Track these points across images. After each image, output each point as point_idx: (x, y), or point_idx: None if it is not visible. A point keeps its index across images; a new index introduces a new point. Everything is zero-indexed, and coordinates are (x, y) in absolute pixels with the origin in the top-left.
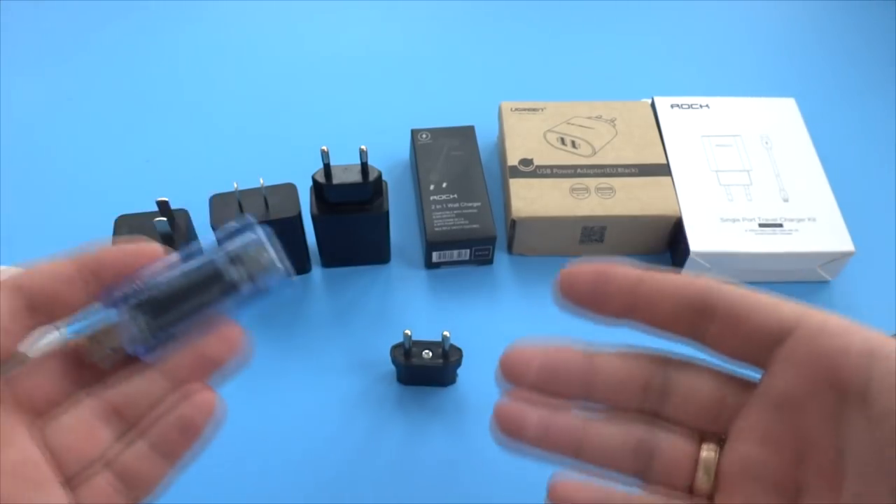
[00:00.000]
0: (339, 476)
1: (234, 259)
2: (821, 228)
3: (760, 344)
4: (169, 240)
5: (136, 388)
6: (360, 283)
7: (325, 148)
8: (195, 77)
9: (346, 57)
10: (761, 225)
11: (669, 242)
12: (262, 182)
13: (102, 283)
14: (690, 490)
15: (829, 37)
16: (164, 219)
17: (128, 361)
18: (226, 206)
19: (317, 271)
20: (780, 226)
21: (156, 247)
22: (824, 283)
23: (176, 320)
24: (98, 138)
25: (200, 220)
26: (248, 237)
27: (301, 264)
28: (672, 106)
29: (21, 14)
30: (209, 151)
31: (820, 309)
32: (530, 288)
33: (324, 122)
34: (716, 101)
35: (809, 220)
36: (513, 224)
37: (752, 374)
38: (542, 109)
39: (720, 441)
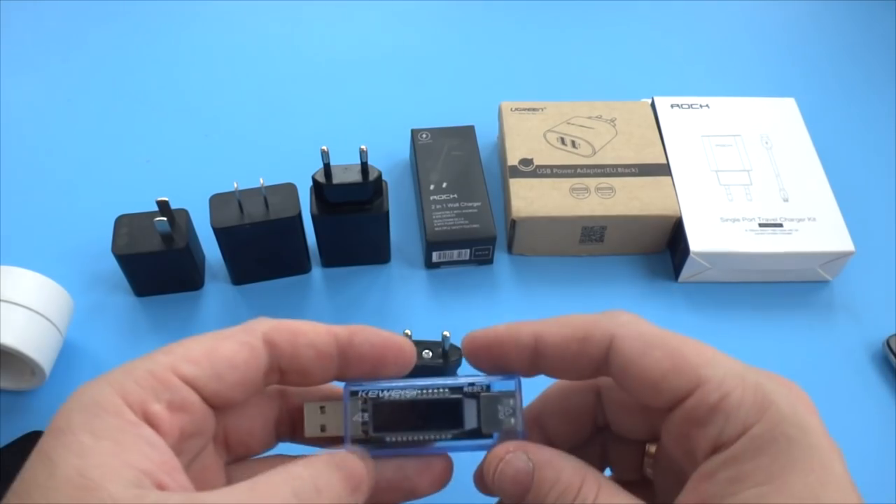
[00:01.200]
0: None
1: (475, 395)
2: (821, 228)
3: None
4: (169, 239)
5: (331, 477)
6: (360, 283)
7: (325, 148)
8: (195, 77)
9: (347, 57)
10: (761, 225)
11: (669, 242)
12: (262, 182)
13: (345, 368)
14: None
15: (829, 36)
16: (164, 219)
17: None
18: (226, 206)
19: (317, 271)
20: (780, 226)
21: (405, 350)
22: (824, 283)
23: (394, 433)
24: (98, 138)
25: (200, 220)
26: (501, 381)
27: (301, 264)
28: (672, 106)
29: (21, 14)
30: (209, 151)
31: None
32: (530, 288)
33: (324, 122)
34: (716, 101)
35: (809, 220)
36: (513, 224)
37: None
38: (542, 109)
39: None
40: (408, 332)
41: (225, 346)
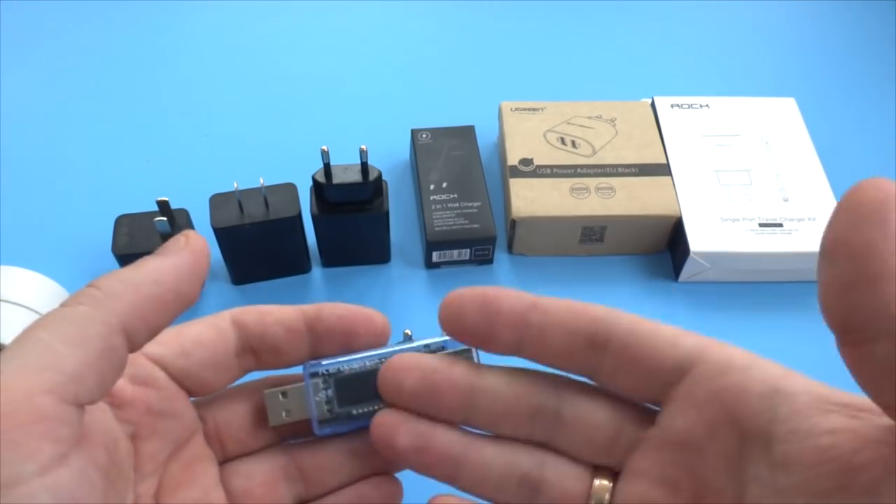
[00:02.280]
0: None
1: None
2: (821, 228)
3: (657, 381)
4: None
5: (327, 459)
6: (360, 283)
7: (325, 148)
8: (195, 77)
9: (346, 57)
10: (761, 225)
11: (669, 242)
12: (262, 182)
13: (316, 343)
14: None
15: (829, 37)
16: (164, 219)
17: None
18: (226, 206)
19: (317, 271)
20: (780, 226)
21: (376, 317)
22: None
23: (359, 405)
24: (98, 138)
25: (200, 220)
26: (456, 344)
27: (301, 264)
28: (672, 106)
29: (21, 14)
30: (209, 151)
31: (722, 343)
32: (530, 288)
33: (324, 122)
34: (716, 101)
35: (809, 220)
36: (513, 224)
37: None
38: (542, 109)
39: (614, 475)
40: (407, 331)
41: (192, 327)
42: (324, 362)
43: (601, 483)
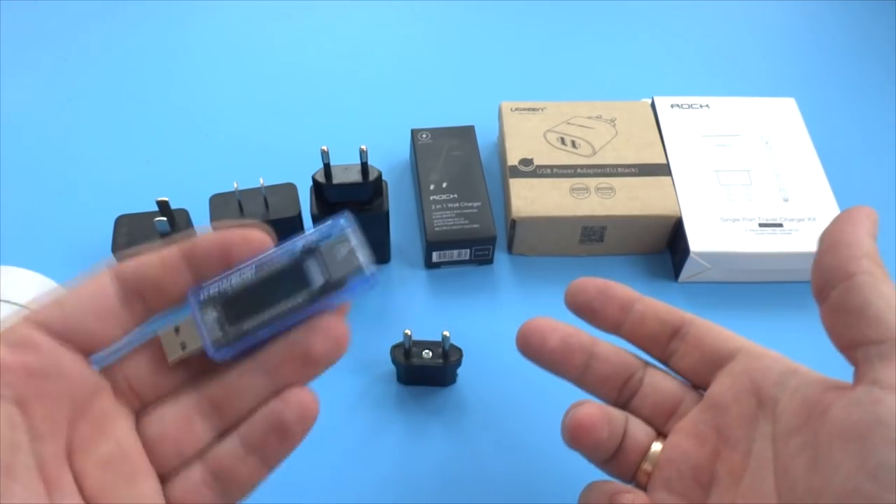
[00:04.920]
0: (338, 476)
1: (312, 251)
2: (821, 228)
3: (713, 363)
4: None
5: (236, 384)
6: None
7: (325, 148)
8: (195, 77)
9: (347, 57)
10: (761, 225)
11: (669, 242)
12: (262, 182)
13: (197, 273)
14: (633, 478)
15: (828, 36)
16: (164, 219)
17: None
18: (226, 206)
19: None
20: (780, 226)
21: (252, 234)
22: None
23: (249, 318)
24: (98, 138)
25: (200, 220)
26: (329, 228)
27: None
28: (672, 106)
29: (20, 14)
30: (209, 151)
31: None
32: (530, 288)
33: (324, 122)
34: (716, 101)
35: (809, 220)
36: (513, 224)
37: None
38: (542, 109)
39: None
40: (407, 331)
41: (72, 286)
42: (206, 285)
43: (657, 444)
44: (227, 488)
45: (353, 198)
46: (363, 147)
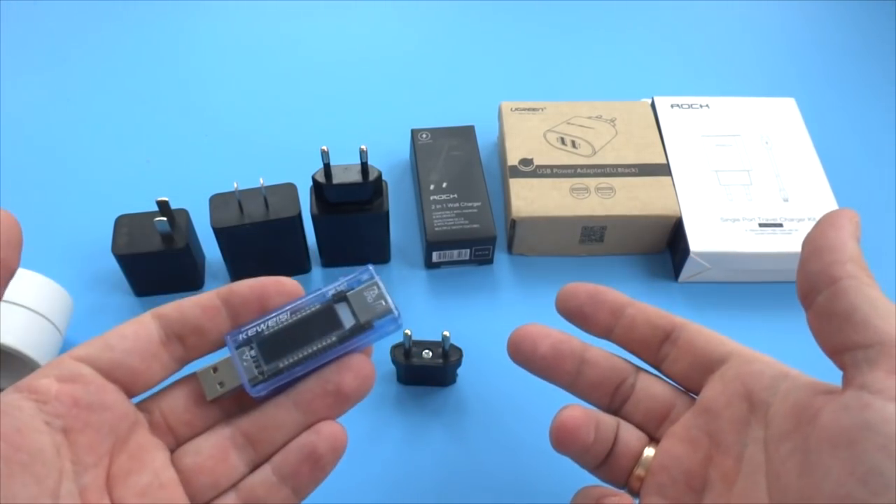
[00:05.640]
0: (337, 476)
1: (342, 297)
2: None
3: (704, 367)
4: (169, 239)
5: (270, 419)
6: None
7: (325, 148)
8: (195, 77)
9: (346, 57)
10: (761, 225)
11: (669, 242)
12: (262, 182)
13: (235, 318)
14: (626, 483)
15: (828, 37)
16: (164, 219)
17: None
18: (226, 206)
19: (317, 271)
20: (780, 226)
21: (286, 282)
22: None
23: (285, 357)
24: (98, 138)
25: (200, 220)
26: (358, 276)
27: (301, 264)
28: (672, 106)
29: (20, 14)
30: (209, 151)
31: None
32: (530, 288)
33: (324, 122)
34: (716, 101)
35: (809, 220)
36: (513, 224)
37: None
38: (542, 109)
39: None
40: (407, 331)
41: (117, 327)
42: (243, 328)
43: (650, 449)
44: None
45: (353, 198)
46: (363, 147)
